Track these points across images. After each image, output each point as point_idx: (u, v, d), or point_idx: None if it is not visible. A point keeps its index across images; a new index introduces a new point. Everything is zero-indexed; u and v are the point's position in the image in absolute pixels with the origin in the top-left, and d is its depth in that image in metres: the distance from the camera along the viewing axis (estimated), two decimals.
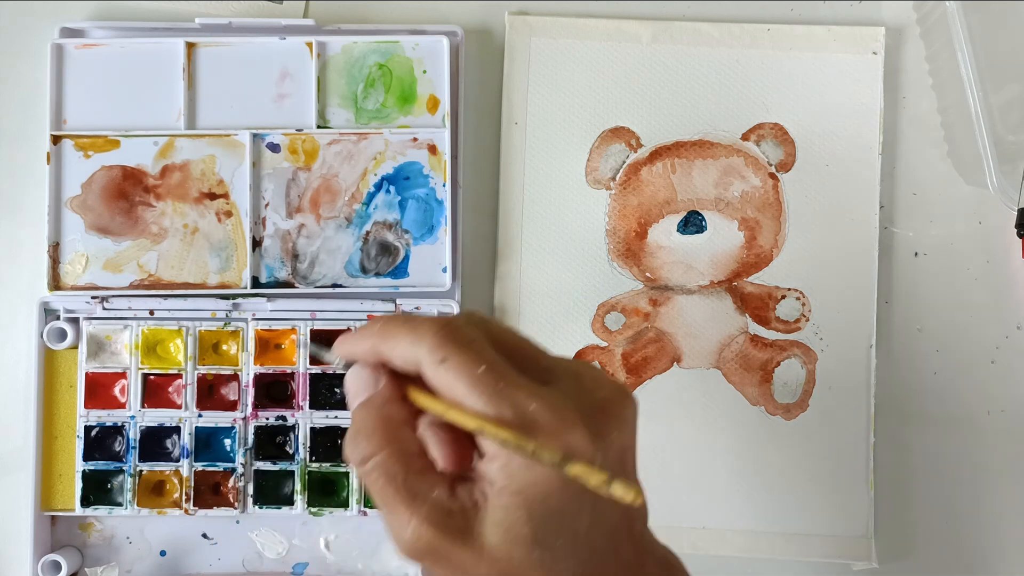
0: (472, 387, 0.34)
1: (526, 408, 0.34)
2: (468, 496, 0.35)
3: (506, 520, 0.34)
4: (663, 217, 0.54)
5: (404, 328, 0.35)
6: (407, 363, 0.35)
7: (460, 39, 0.54)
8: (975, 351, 0.54)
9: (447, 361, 0.34)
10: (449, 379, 0.34)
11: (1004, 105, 0.52)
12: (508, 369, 0.35)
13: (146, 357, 0.53)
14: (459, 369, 0.34)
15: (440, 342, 0.34)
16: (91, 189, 0.53)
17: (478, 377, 0.34)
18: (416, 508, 0.34)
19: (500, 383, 0.34)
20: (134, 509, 0.52)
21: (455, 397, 0.34)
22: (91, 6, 0.55)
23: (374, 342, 0.36)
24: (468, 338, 0.35)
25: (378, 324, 0.36)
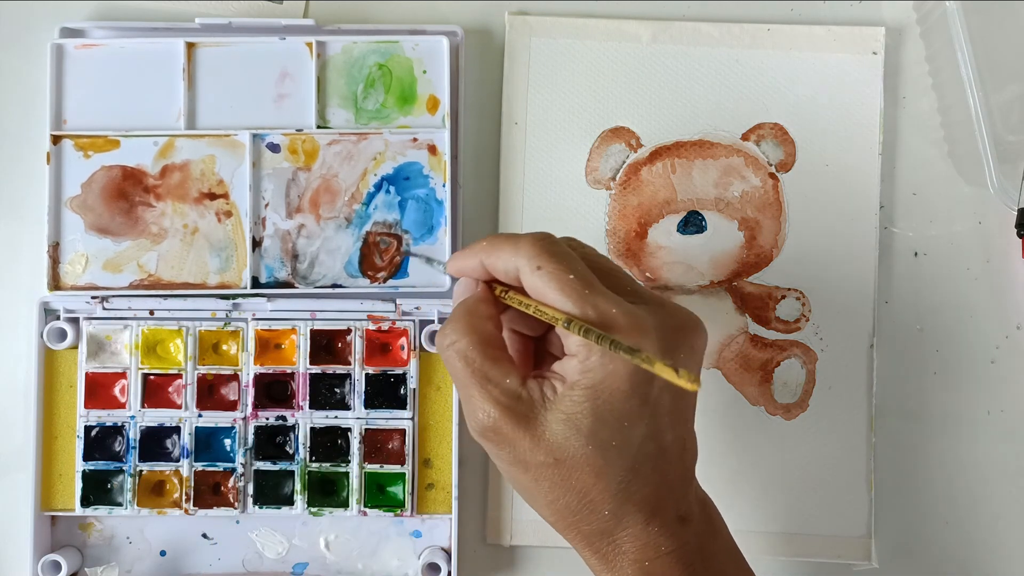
0: (561, 291, 0.38)
1: (608, 311, 0.38)
2: (538, 389, 0.39)
3: (571, 411, 0.38)
4: (663, 217, 0.54)
5: (507, 241, 0.40)
6: (508, 271, 0.40)
7: (460, 39, 0.54)
8: (975, 351, 0.54)
9: (542, 268, 0.39)
10: (542, 283, 0.39)
11: (1004, 105, 0.52)
12: (596, 281, 0.39)
13: (146, 357, 0.53)
14: (552, 275, 0.39)
15: (537, 252, 0.39)
16: (91, 189, 0.53)
17: (568, 282, 0.39)
18: (488, 391, 0.39)
19: (586, 290, 0.38)
20: (134, 509, 0.52)
21: (547, 300, 0.39)
22: (91, 6, 0.55)
23: (481, 256, 0.41)
24: (562, 251, 0.40)
25: (485, 241, 0.42)
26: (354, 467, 0.52)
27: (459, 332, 0.40)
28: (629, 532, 0.40)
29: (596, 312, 0.38)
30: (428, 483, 0.53)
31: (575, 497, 0.40)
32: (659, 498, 0.40)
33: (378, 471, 0.52)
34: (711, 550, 0.41)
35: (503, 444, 0.40)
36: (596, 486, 0.39)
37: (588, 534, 0.40)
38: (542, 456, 0.39)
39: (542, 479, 0.40)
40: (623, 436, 0.39)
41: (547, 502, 0.40)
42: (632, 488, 0.39)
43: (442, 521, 0.53)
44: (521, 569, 0.54)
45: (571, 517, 0.40)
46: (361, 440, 0.52)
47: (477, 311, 0.41)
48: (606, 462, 0.39)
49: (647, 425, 0.39)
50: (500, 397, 0.39)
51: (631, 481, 0.39)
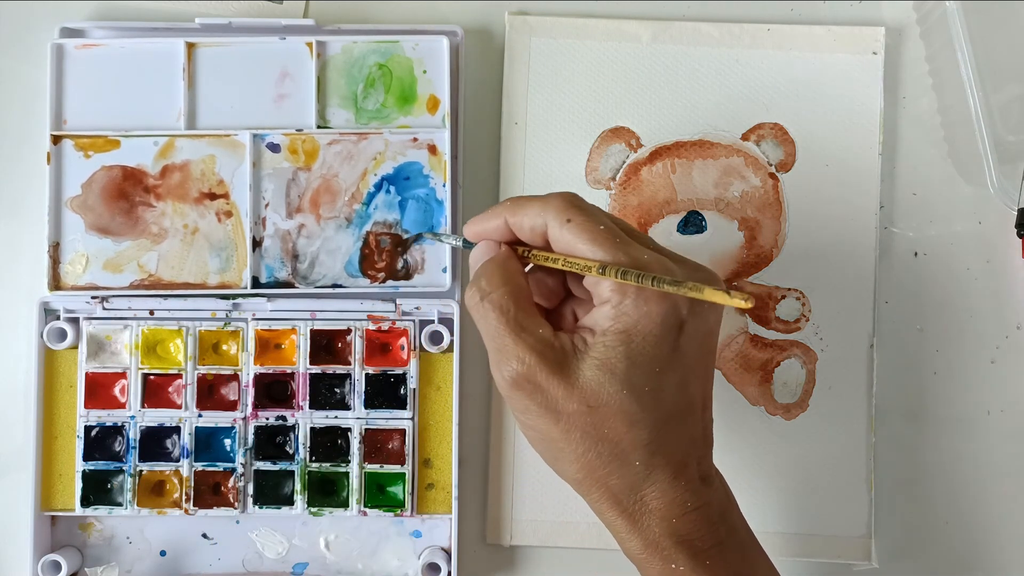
0: (593, 241, 0.39)
1: (639, 257, 0.39)
2: (569, 340, 0.40)
3: (604, 356, 0.39)
4: (663, 217, 0.54)
5: (533, 199, 0.41)
6: (534, 228, 0.41)
7: (460, 39, 0.54)
8: (975, 351, 0.54)
9: (572, 221, 0.40)
10: (573, 236, 0.40)
11: (1004, 105, 0.52)
12: (623, 233, 0.40)
13: (146, 357, 0.53)
14: (582, 226, 0.40)
15: (566, 206, 0.40)
16: (91, 189, 0.53)
17: (599, 231, 0.40)
18: (523, 339, 0.40)
19: (617, 239, 0.39)
20: (134, 509, 0.52)
21: (577, 252, 0.40)
22: (91, 6, 0.55)
23: (505, 214, 0.42)
24: (589, 205, 0.41)
25: (508, 201, 0.42)
26: (354, 467, 0.52)
27: (494, 284, 0.41)
28: (657, 487, 0.40)
29: (628, 257, 0.39)
30: (428, 483, 0.53)
31: (607, 447, 0.40)
32: (686, 454, 0.40)
33: (378, 471, 0.52)
34: (732, 512, 0.42)
35: (536, 393, 0.40)
36: (628, 434, 0.39)
37: (616, 490, 0.40)
38: (575, 404, 0.39)
39: (573, 429, 0.40)
40: (656, 382, 0.39)
41: (576, 455, 0.40)
42: (662, 439, 0.40)
43: (442, 521, 0.53)
44: (521, 569, 0.54)
45: (601, 470, 0.40)
46: (361, 440, 0.52)
47: (508, 265, 0.42)
48: (641, 407, 0.39)
49: (678, 373, 0.40)
50: (535, 344, 0.40)
51: (661, 431, 0.40)
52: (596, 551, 0.53)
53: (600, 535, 0.53)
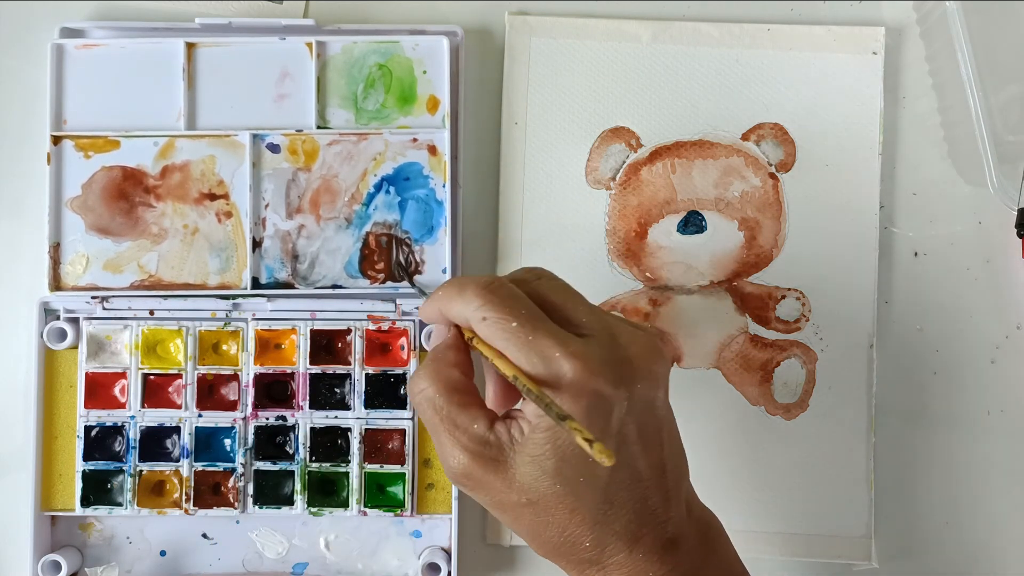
0: (506, 340, 0.38)
1: (551, 357, 0.38)
2: (506, 432, 0.39)
3: (535, 452, 0.38)
4: (663, 217, 0.54)
5: (455, 290, 0.40)
6: (463, 321, 0.40)
7: (460, 39, 0.54)
8: (975, 351, 0.54)
9: (487, 319, 0.39)
10: (490, 334, 0.39)
11: (1004, 105, 0.52)
12: (541, 323, 0.39)
13: (146, 357, 0.53)
14: (496, 325, 0.39)
15: (482, 301, 0.39)
16: (91, 189, 0.53)
17: (511, 331, 0.38)
18: (457, 437, 0.39)
19: (530, 336, 0.38)
20: (134, 509, 0.52)
21: (498, 348, 0.39)
22: (91, 6, 0.55)
23: (438, 306, 0.41)
24: (506, 295, 0.40)
25: (441, 289, 0.41)
26: (354, 467, 0.52)
27: (427, 379, 0.40)
28: (615, 560, 0.39)
29: (541, 360, 0.38)
30: (428, 483, 0.53)
31: (555, 532, 0.39)
32: (640, 524, 0.39)
33: (378, 471, 0.52)
34: (705, 573, 0.41)
35: (477, 488, 0.40)
36: (572, 520, 0.39)
37: (576, 563, 0.40)
38: (515, 496, 0.39)
39: (521, 518, 0.40)
40: (590, 471, 0.38)
41: (531, 537, 0.40)
42: (609, 518, 0.39)
43: (442, 521, 0.53)
44: (521, 569, 0.54)
45: (556, 550, 0.40)
46: (361, 440, 0.52)
47: (445, 358, 0.41)
48: (577, 498, 0.39)
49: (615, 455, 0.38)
50: (468, 443, 0.39)
51: (607, 512, 0.39)
52: None
53: None
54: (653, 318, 0.54)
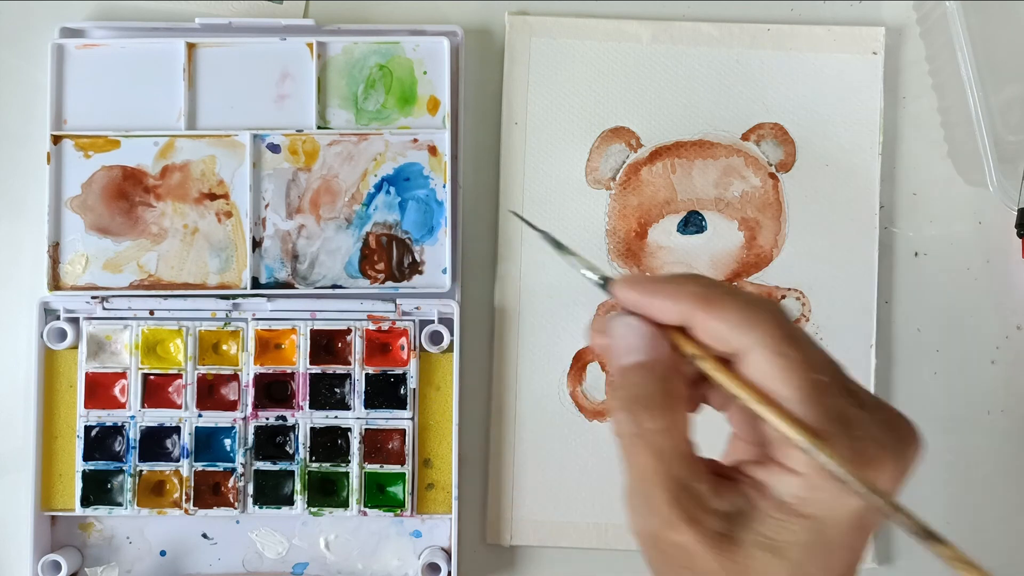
0: (805, 391, 0.31)
1: (853, 430, 0.31)
2: (730, 498, 0.32)
3: (780, 538, 0.31)
4: (663, 217, 0.54)
5: (735, 305, 0.32)
6: (729, 343, 0.32)
7: (460, 39, 0.54)
8: (975, 351, 0.54)
9: (787, 357, 0.31)
10: (782, 375, 0.31)
11: (1004, 105, 0.52)
12: (840, 383, 0.32)
13: (146, 357, 0.53)
14: (797, 369, 0.31)
15: (783, 334, 0.31)
16: (91, 189, 0.53)
17: (814, 382, 0.31)
18: (678, 496, 0.31)
19: (831, 397, 0.31)
20: (134, 509, 0.52)
21: (777, 393, 0.31)
22: (91, 6, 0.55)
23: (688, 308, 0.32)
24: (806, 337, 0.32)
25: (692, 286, 0.32)
26: (354, 467, 0.52)
27: (654, 416, 0.32)
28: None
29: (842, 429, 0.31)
30: (428, 483, 0.53)
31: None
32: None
33: (378, 471, 0.52)
34: None
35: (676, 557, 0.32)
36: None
37: None
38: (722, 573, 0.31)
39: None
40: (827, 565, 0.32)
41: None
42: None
43: (442, 521, 0.53)
44: (521, 569, 0.54)
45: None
46: (361, 440, 0.52)
47: (674, 392, 0.33)
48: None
49: (854, 554, 0.32)
50: (691, 507, 0.31)
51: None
52: (596, 551, 0.53)
53: (600, 535, 0.53)
54: None
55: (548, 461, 0.53)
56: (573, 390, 0.53)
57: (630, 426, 0.32)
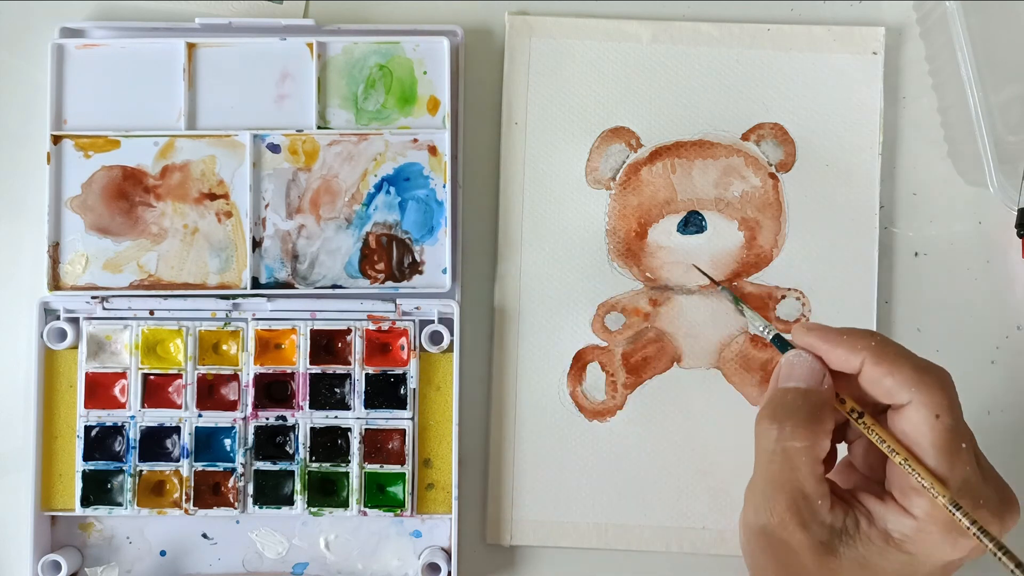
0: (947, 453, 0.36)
1: (975, 495, 0.36)
2: (841, 518, 0.37)
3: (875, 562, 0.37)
4: (663, 217, 0.54)
5: (908, 364, 0.38)
6: (890, 396, 0.37)
7: (460, 39, 0.54)
8: (975, 351, 0.54)
9: (940, 419, 0.37)
10: (931, 435, 0.36)
11: (1004, 105, 0.52)
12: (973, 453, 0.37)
13: (146, 357, 0.53)
14: (948, 433, 0.36)
15: (944, 397, 0.37)
16: (91, 189, 0.53)
17: (960, 452, 0.37)
18: (798, 504, 0.37)
19: (965, 464, 0.37)
20: (134, 509, 0.52)
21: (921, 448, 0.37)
22: (91, 6, 0.55)
23: (869, 359, 0.38)
24: (960, 406, 0.37)
25: (871, 340, 0.38)
26: (354, 467, 0.52)
27: (798, 434, 0.38)
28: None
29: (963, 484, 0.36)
30: (428, 483, 0.53)
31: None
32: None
33: (378, 471, 0.52)
34: None
35: (778, 551, 0.38)
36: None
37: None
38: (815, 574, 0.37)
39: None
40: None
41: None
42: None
43: (442, 521, 0.53)
44: (521, 569, 0.54)
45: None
46: (361, 440, 0.52)
47: (824, 419, 0.38)
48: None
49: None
50: (808, 516, 0.37)
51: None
52: (596, 551, 0.53)
53: (600, 535, 0.53)
54: (653, 318, 0.54)
55: (548, 461, 0.53)
56: (573, 390, 0.54)
57: (774, 430, 0.38)
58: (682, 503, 0.53)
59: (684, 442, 0.53)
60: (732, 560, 0.53)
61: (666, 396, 0.53)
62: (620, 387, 0.53)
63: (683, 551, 0.53)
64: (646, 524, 0.53)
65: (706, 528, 0.53)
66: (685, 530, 0.53)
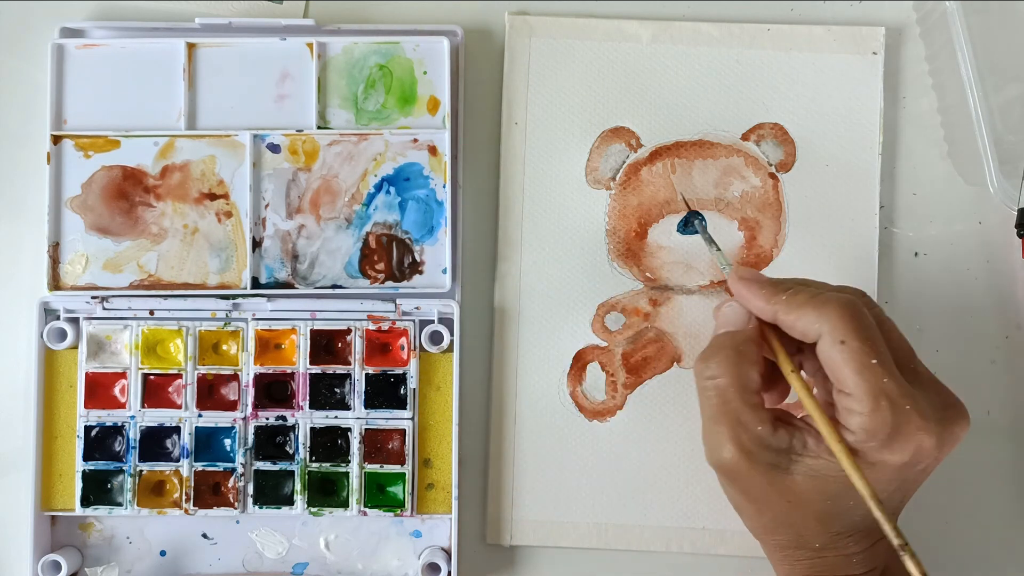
0: (859, 373, 0.38)
1: (902, 407, 0.38)
2: (787, 439, 0.40)
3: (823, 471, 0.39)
4: (663, 217, 0.54)
5: (811, 304, 0.40)
6: (805, 335, 0.40)
7: (460, 39, 0.54)
8: (975, 351, 0.54)
9: (846, 344, 0.38)
10: (840, 360, 0.39)
11: (1004, 105, 0.52)
12: (892, 365, 0.39)
13: (146, 357, 0.53)
14: (855, 353, 0.38)
15: (844, 325, 0.39)
16: (91, 189, 0.53)
17: (869, 367, 0.38)
18: (737, 433, 0.40)
19: (886, 378, 0.38)
20: (134, 509, 0.52)
21: (837, 376, 0.39)
22: (91, 6, 0.55)
23: (777, 309, 0.41)
24: (868, 325, 0.39)
25: (785, 294, 0.41)
26: (354, 467, 0.52)
27: (723, 368, 0.40)
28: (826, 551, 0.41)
29: (889, 406, 0.38)
30: (428, 483, 0.53)
31: (792, 532, 0.41)
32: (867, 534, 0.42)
33: (378, 471, 0.52)
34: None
35: (737, 481, 0.41)
36: (816, 529, 0.41)
37: (786, 547, 0.42)
38: (775, 497, 0.40)
39: (766, 510, 0.41)
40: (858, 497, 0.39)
41: (760, 524, 0.42)
42: (849, 531, 0.41)
43: (442, 521, 0.53)
44: (521, 569, 0.54)
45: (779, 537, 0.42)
46: (361, 440, 0.52)
47: (747, 353, 0.41)
48: (837, 516, 0.40)
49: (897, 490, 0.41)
50: (748, 443, 0.40)
51: (852, 526, 0.41)
52: (596, 551, 0.53)
53: (600, 535, 0.53)
54: (653, 318, 0.54)
55: (548, 461, 0.53)
56: (573, 390, 0.54)
57: (703, 369, 0.41)
58: (682, 503, 0.53)
59: (684, 442, 0.53)
60: (732, 560, 0.53)
61: (666, 396, 0.53)
62: (620, 387, 0.53)
63: (683, 551, 0.53)
64: (646, 524, 0.53)
65: (706, 528, 0.53)
66: (685, 530, 0.53)
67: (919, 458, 0.39)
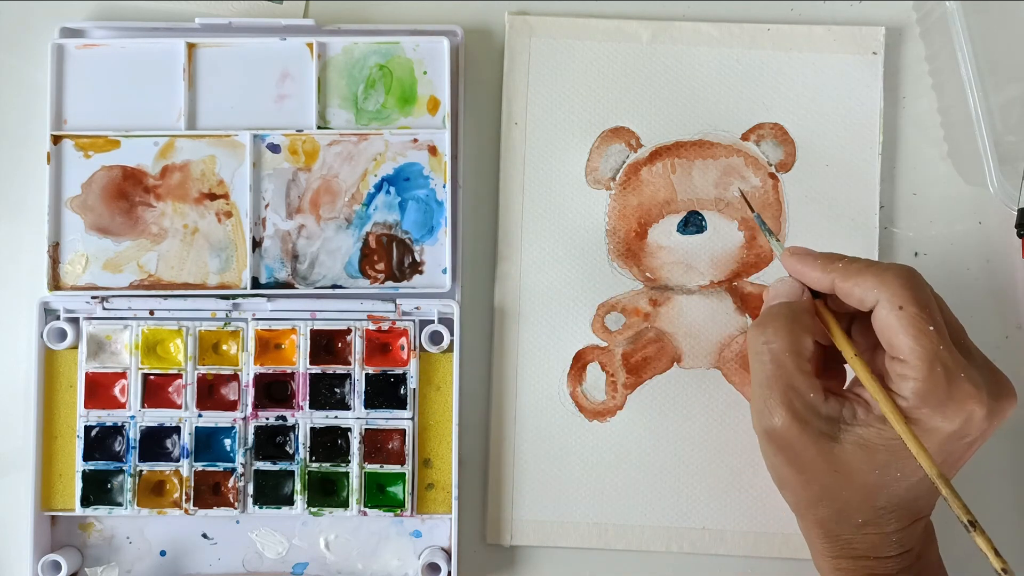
0: (916, 339, 0.39)
1: (956, 374, 0.39)
2: (837, 408, 0.41)
3: (873, 441, 0.40)
4: (663, 217, 0.54)
5: (871, 270, 0.40)
6: (862, 301, 0.40)
7: (460, 39, 0.54)
8: None
9: (904, 309, 0.39)
10: (898, 325, 0.39)
11: (1004, 105, 0.52)
12: (947, 335, 0.40)
13: (146, 357, 0.53)
14: (913, 319, 0.39)
15: (904, 291, 0.39)
16: (91, 189, 0.53)
17: (926, 332, 0.39)
18: (790, 399, 0.40)
19: (941, 345, 0.39)
20: (134, 509, 0.52)
21: (892, 343, 0.39)
22: (91, 6, 0.55)
23: (835, 276, 0.41)
24: (926, 295, 0.40)
25: (841, 262, 0.41)
26: (354, 467, 0.52)
27: (779, 334, 0.41)
28: (865, 531, 0.42)
29: (944, 372, 0.39)
30: (428, 483, 0.53)
31: (836, 506, 0.41)
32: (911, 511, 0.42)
33: (378, 471, 0.52)
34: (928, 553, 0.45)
35: (787, 449, 0.41)
36: (860, 502, 0.41)
37: (827, 523, 0.42)
38: (823, 466, 0.40)
39: (813, 482, 0.41)
40: (908, 468, 0.40)
41: (803, 496, 0.42)
42: (894, 507, 0.41)
43: (442, 521, 0.53)
44: (521, 569, 0.54)
45: (822, 512, 0.42)
46: (361, 440, 0.52)
47: (802, 321, 0.42)
48: (883, 486, 0.41)
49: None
50: (800, 409, 0.40)
51: (899, 502, 0.41)
52: (596, 551, 0.53)
53: (600, 535, 0.53)
54: (653, 318, 0.54)
55: (548, 461, 0.53)
56: (573, 390, 0.54)
57: (758, 336, 0.41)
58: (682, 503, 0.53)
59: (684, 442, 0.53)
60: (732, 560, 0.53)
61: (666, 396, 0.53)
62: (620, 387, 0.53)
63: (683, 551, 0.53)
64: (646, 524, 0.53)
65: (706, 528, 0.53)
66: (685, 530, 0.53)
67: (968, 429, 0.40)
